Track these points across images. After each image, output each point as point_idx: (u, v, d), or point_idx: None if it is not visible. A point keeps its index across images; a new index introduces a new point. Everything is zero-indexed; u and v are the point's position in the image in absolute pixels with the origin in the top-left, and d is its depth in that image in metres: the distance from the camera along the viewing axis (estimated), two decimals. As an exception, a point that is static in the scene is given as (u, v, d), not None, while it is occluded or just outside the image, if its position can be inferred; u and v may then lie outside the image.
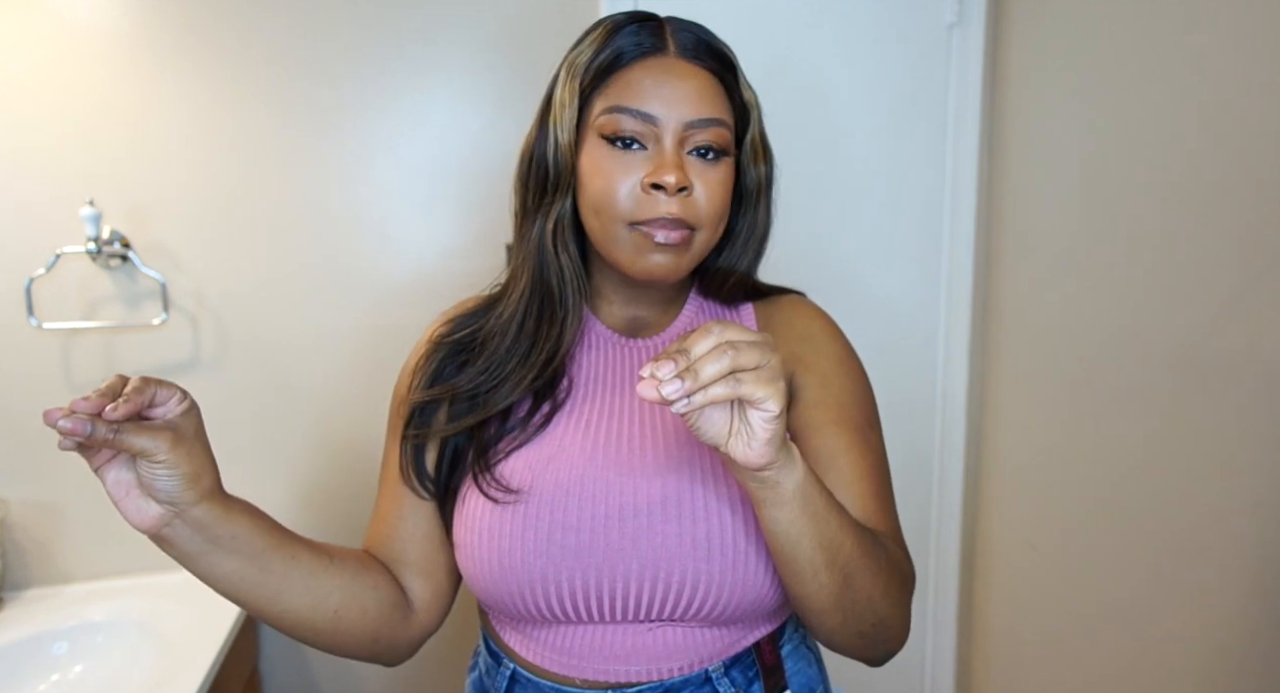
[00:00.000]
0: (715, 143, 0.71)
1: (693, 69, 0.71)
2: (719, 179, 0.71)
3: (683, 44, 0.72)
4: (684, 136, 0.70)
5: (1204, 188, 1.14)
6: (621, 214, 0.69)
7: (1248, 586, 1.12)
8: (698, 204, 0.70)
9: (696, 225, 0.70)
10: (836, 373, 0.76)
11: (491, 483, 0.71)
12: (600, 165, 0.70)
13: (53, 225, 1.23)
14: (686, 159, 0.70)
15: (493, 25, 1.35)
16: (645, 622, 0.70)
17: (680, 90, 0.70)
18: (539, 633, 0.73)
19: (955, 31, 1.49)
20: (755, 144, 0.77)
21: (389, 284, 1.37)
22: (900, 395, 1.57)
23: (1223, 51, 1.11)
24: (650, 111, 0.69)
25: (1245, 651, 1.13)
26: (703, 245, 0.73)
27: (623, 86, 0.70)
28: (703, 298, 0.82)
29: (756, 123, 0.77)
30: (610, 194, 0.69)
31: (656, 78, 0.70)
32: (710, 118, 0.70)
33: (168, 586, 1.31)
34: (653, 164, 0.69)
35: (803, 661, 0.79)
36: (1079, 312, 1.35)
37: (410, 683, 1.46)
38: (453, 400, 0.75)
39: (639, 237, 0.70)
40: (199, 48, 1.26)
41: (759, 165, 0.78)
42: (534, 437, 0.73)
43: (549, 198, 0.74)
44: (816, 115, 1.49)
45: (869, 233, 1.54)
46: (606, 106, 0.70)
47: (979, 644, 1.64)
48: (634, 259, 0.71)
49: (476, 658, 0.83)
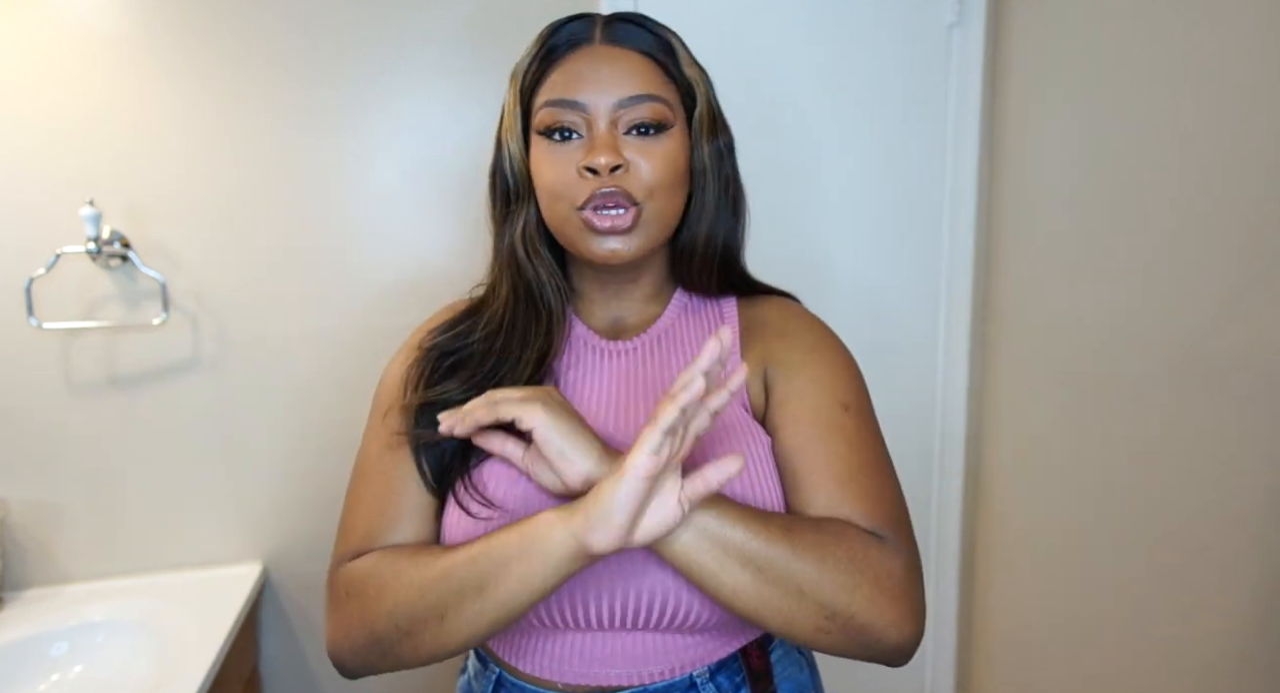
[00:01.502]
0: (651, 118, 0.71)
1: (619, 52, 0.73)
2: (661, 152, 0.71)
3: (610, 32, 0.74)
4: (615, 117, 0.71)
5: (1204, 188, 1.14)
6: (566, 201, 0.71)
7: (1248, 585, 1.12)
8: (640, 177, 0.70)
9: (641, 197, 0.71)
10: (806, 363, 0.74)
11: (472, 495, 0.70)
12: (544, 160, 0.72)
13: (53, 225, 1.23)
14: (625, 139, 0.71)
15: (493, 25, 1.35)
16: (624, 629, 0.70)
17: (607, 72, 0.71)
18: (521, 640, 0.73)
19: (955, 31, 1.49)
20: (704, 118, 0.76)
21: (390, 284, 1.37)
22: (900, 395, 1.57)
23: (1223, 51, 1.11)
24: (578, 99, 0.70)
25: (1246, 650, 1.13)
26: (656, 219, 0.72)
27: (553, 82, 0.72)
28: (687, 295, 0.82)
29: (705, 97, 0.77)
30: (555, 184, 0.71)
31: (582, 66, 0.72)
32: (640, 94, 0.71)
33: (168, 586, 1.31)
34: (586, 148, 0.70)
35: (793, 666, 0.78)
36: (1079, 312, 1.35)
37: (407, 683, 1.46)
38: (446, 407, 0.73)
39: (584, 220, 0.71)
40: (199, 48, 1.26)
41: (712, 139, 0.77)
42: None
43: (513, 208, 0.75)
44: (816, 115, 1.49)
45: (869, 233, 1.54)
46: (541, 103, 0.72)
47: (979, 644, 1.64)
48: (587, 243, 0.72)
49: (465, 661, 0.83)
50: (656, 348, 0.78)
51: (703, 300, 0.81)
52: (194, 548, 1.36)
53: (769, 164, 1.49)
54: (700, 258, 0.78)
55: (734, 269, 0.82)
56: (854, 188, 1.52)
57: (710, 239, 0.78)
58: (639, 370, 0.76)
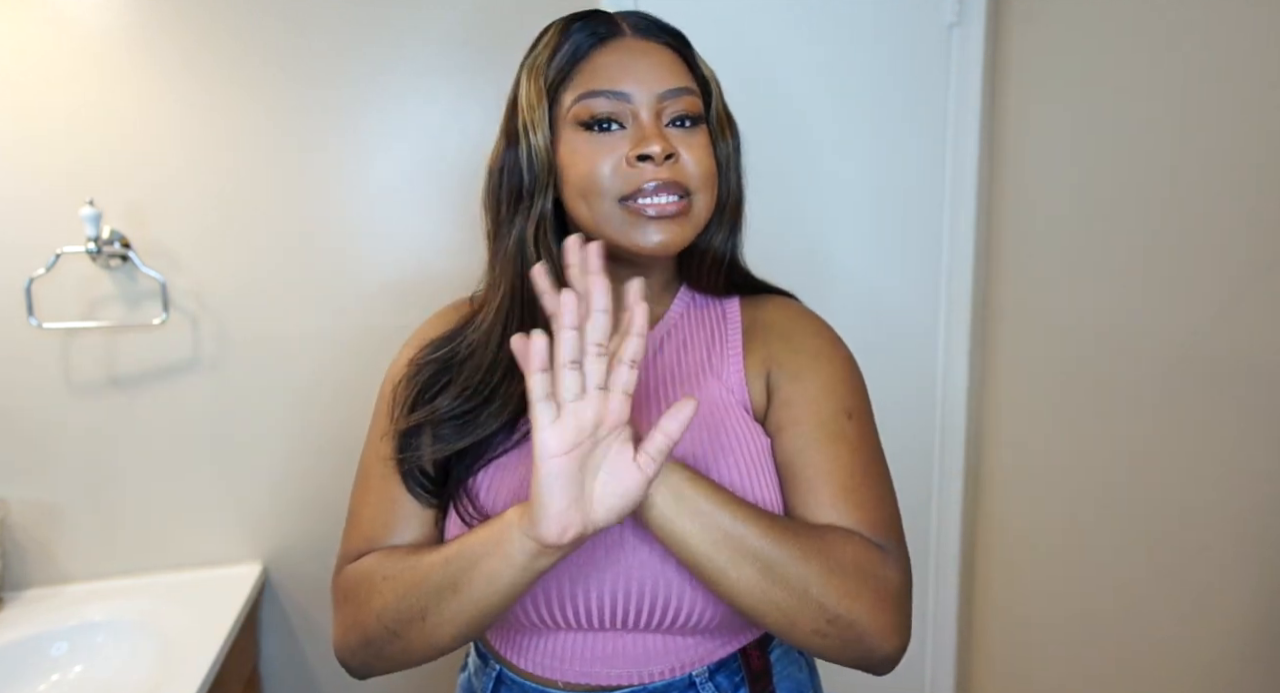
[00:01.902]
0: (690, 111, 0.72)
1: (652, 45, 0.73)
2: (701, 143, 0.72)
3: (635, 24, 0.74)
4: (659, 109, 0.70)
5: (1204, 188, 1.14)
6: (610, 192, 0.69)
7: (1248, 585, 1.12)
8: (688, 168, 0.70)
9: (692, 188, 0.71)
10: (809, 367, 0.73)
11: (468, 506, 0.70)
12: (581, 151, 0.70)
13: (53, 225, 1.23)
14: (666, 130, 0.70)
15: (493, 24, 1.35)
16: (624, 629, 0.70)
17: (646, 64, 0.71)
18: (521, 639, 0.73)
19: (955, 31, 1.49)
20: (720, 117, 0.77)
21: (390, 283, 1.37)
22: (900, 395, 1.57)
23: (1223, 51, 1.11)
24: (622, 90, 0.70)
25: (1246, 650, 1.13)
26: (702, 210, 0.73)
27: (589, 74, 0.71)
28: (692, 293, 0.81)
29: (718, 97, 0.78)
30: (596, 175, 0.69)
31: (620, 58, 0.71)
32: (681, 87, 0.71)
33: (168, 586, 1.31)
34: (634, 138, 0.69)
35: (793, 665, 0.78)
36: (1079, 312, 1.35)
37: (409, 681, 1.46)
38: (436, 424, 0.72)
39: (630, 213, 0.69)
40: (198, 48, 1.26)
41: (726, 139, 0.78)
42: (516, 447, 0.72)
43: (526, 202, 0.73)
44: (817, 115, 1.49)
45: (869, 233, 1.54)
46: (577, 96, 0.71)
47: (979, 644, 1.64)
48: (632, 236, 0.70)
49: (466, 658, 0.83)
50: (662, 345, 0.78)
51: (706, 299, 0.81)
52: (194, 548, 1.36)
53: (769, 164, 1.48)
54: (712, 258, 0.79)
55: (737, 268, 0.82)
56: (854, 188, 1.52)
57: (723, 239, 0.79)
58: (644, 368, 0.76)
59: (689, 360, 0.76)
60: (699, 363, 0.76)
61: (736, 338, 0.77)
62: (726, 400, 0.73)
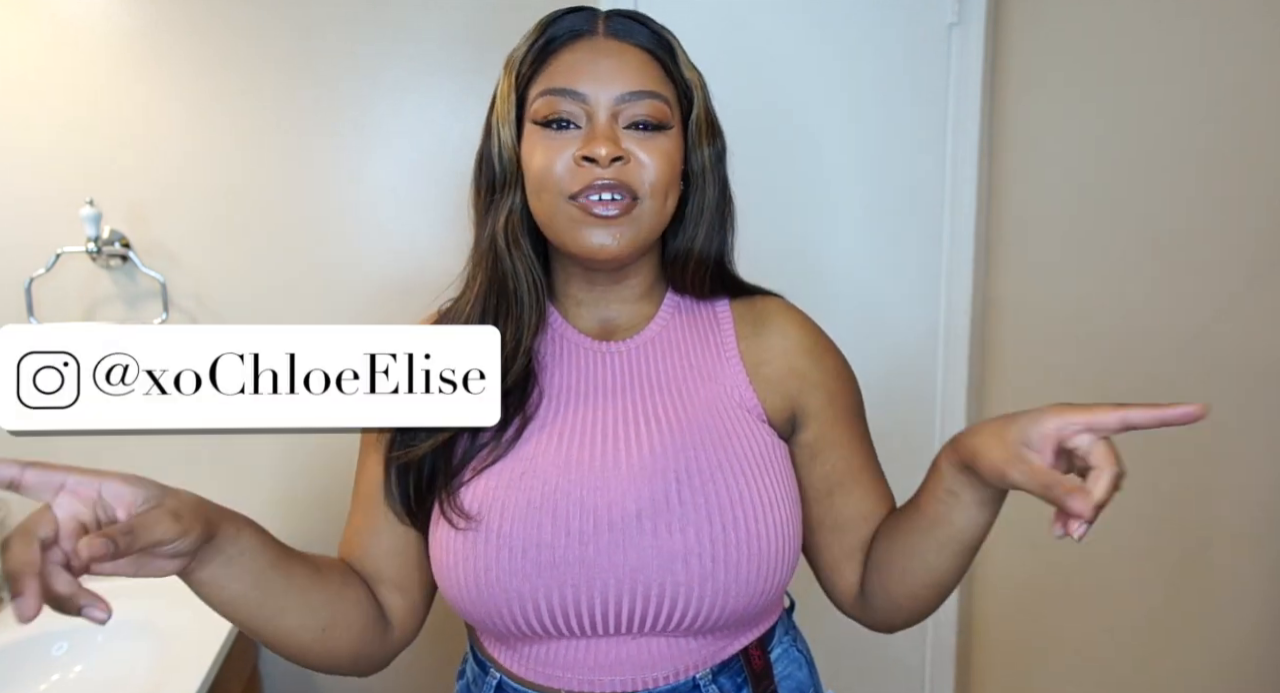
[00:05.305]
0: (651, 116, 0.70)
1: (622, 46, 0.72)
2: (660, 149, 0.70)
3: (612, 26, 0.73)
4: (616, 111, 0.69)
5: (1204, 187, 1.14)
6: (559, 188, 0.69)
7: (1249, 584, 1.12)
8: (638, 172, 0.69)
9: (639, 192, 0.69)
10: (840, 390, 0.78)
11: (455, 509, 0.70)
12: (536, 149, 0.70)
13: (53, 225, 1.23)
14: (624, 133, 0.69)
15: (495, 23, 1.35)
16: (627, 634, 0.69)
17: (609, 65, 0.70)
18: (521, 647, 0.72)
19: (955, 31, 1.49)
20: (701, 122, 0.75)
21: (390, 283, 1.37)
22: (900, 395, 1.57)
23: (1223, 51, 1.11)
24: (579, 89, 0.69)
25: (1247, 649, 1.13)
26: (650, 218, 0.71)
27: (553, 71, 0.71)
28: (679, 295, 0.81)
29: (702, 102, 0.76)
30: (546, 171, 0.69)
31: (584, 57, 0.70)
32: (642, 90, 0.70)
33: (168, 586, 1.29)
34: (585, 139, 0.69)
35: (793, 664, 0.78)
36: (1079, 312, 1.35)
37: (406, 684, 1.46)
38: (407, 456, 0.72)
39: (576, 210, 0.69)
40: (199, 48, 1.26)
41: (707, 145, 0.76)
42: (505, 454, 0.71)
43: (498, 196, 0.73)
44: (817, 115, 1.49)
45: (868, 233, 1.54)
46: (538, 92, 0.71)
47: (979, 644, 1.64)
48: (575, 235, 0.69)
49: (465, 665, 0.83)
50: (652, 349, 0.77)
51: (695, 302, 0.80)
52: (194, 548, 1.36)
53: (769, 164, 1.49)
54: (695, 262, 0.78)
55: (725, 272, 0.81)
56: (854, 187, 1.52)
57: (706, 244, 0.78)
58: (636, 372, 0.75)
59: (677, 365, 0.76)
60: (689, 367, 0.76)
61: (731, 339, 0.77)
62: (724, 403, 0.73)
